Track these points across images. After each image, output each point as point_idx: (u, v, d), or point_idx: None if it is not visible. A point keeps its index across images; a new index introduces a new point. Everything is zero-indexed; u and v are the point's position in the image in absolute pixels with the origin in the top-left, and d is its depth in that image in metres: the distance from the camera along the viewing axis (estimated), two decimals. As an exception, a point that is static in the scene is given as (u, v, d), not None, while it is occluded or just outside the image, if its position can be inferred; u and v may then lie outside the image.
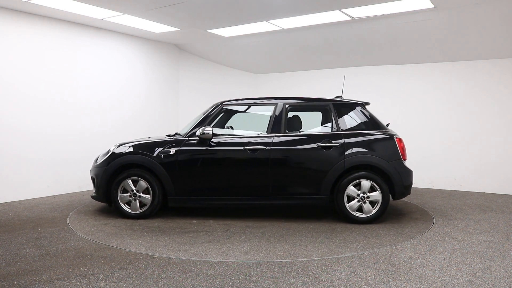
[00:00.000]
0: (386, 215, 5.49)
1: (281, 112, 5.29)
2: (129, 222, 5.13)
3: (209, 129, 5.12)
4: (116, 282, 3.19)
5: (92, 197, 5.50)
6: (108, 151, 5.48)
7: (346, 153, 5.03)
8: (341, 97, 5.53)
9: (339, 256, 3.83)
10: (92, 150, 7.18)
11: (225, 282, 3.21)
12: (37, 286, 3.10)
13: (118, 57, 7.66)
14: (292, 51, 8.35)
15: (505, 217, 5.44)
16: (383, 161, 5.02)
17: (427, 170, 7.79)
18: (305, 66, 9.14)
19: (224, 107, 5.51)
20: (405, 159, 5.15)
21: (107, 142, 7.33)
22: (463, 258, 3.79)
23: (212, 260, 3.70)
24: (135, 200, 5.26)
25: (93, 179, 5.49)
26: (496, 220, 5.27)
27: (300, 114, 5.55)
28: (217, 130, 5.50)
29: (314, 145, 5.09)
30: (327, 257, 3.79)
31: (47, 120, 6.60)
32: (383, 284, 3.17)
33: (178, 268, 3.50)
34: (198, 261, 3.66)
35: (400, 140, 5.19)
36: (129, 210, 5.28)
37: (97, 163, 5.46)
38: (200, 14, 6.24)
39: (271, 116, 5.31)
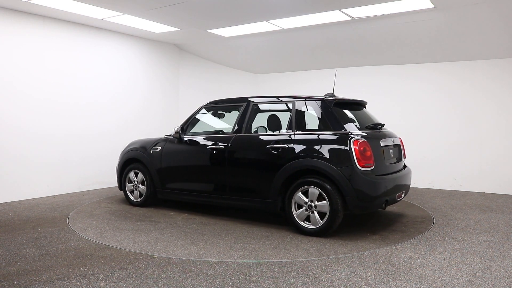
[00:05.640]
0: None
1: (245, 112, 5.20)
2: (120, 207, 5.97)
3: (178, 128, 5.53)
4: (116, 282, 3.19)
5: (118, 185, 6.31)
6: (125, 146, 6.29)
7: (292, 156, 4.59)
8: (332, 94, 5.07)
9: (339, 256, 3.83)
10: (92, 150, 7.20)
11: (225, 282, 3.21)
12: (37, 286, 3.10)
13: (118, 57, 7.65)
14: (292, 51, 8.34)
15: (505, 217, 5.44)
16: (329, 166, 4.33)
17: (427, 170, 7.78)
18: (305, 66, 9.14)
19: (205, 108, 5.64)
20: (362, 165, 4.30)
21: (107, 143, 7.34)
22: (463, 258, 3.79)
23: (212, 260, 3.70)
24: (135, 190, 6.00)
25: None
26: (496, 220, 5.27)
27: (269, 114, 5.22)
28: (206, 129, 5.70)
29: (265, 147, 4.81)
30: (327, 257, 3.79)
31: (47, 120, 6.59)
32: (383, 284, 3.17)
33: (178, 268, 3.50)
34: (198, 261, 3.66)
35: (363, 143, 4.35)
36: (132, 198, 6.06)
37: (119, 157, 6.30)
38: (200, 14, 6.24)
39: (237, 115, 5.27)
